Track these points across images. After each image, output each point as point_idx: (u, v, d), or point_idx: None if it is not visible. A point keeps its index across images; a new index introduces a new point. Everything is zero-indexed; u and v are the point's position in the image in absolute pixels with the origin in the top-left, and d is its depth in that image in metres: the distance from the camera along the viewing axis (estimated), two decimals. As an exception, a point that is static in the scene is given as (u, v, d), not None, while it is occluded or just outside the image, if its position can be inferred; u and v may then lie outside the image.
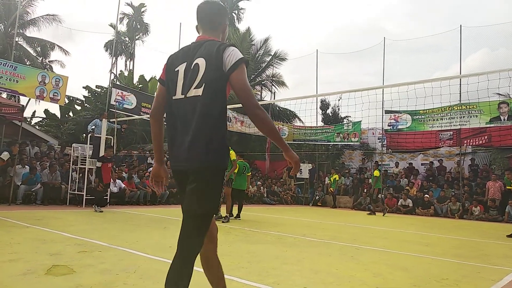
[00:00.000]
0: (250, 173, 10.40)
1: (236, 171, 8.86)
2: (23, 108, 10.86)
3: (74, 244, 4.76)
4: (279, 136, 2.04)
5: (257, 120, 1.91)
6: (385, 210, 13.83)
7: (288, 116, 23.97)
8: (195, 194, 1.92)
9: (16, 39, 19.65)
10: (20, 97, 16.14)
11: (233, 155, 8.71)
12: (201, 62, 1.93)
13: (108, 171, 9.92)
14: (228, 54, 1.92)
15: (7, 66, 11.39)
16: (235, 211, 9.07)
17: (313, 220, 10.60)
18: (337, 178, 17.52)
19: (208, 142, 1.89)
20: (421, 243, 6.70)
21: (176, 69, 2.01)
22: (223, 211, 8.92)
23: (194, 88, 1.93)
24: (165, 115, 2.11)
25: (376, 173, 13.73)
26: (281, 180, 19.78)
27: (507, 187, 10.47)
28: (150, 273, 3.48)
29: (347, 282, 3.60)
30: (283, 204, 17.53)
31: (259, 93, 26.95)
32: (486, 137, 15.28)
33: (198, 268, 2.13)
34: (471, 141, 15.98)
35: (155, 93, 2.20)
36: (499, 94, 16.02)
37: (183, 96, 1.96)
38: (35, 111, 27.34)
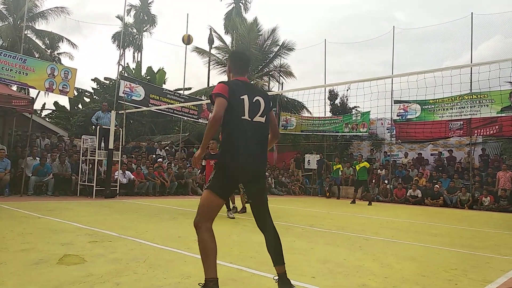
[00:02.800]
0: None
1: None
2: (33, 101, 10.99)
3: (85, 234, 4.84)
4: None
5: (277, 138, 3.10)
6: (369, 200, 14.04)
7: (296, 106, 23.88)
8: (263, 188, 2.90)
9: (25, 32, 19.76)
10: (30, 89, 16.29)
11: None
12: (261, 100, 2.76)
13: (211, 169, 8.72)
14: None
15: (17, 59, 11.48)
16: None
17: (321, 210, 10.60)
18: (341, 168, 17.33)
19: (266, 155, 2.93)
20: (430, 234, 6.67)
21: (241, 97, 2.66)
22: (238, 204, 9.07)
23: (259, 116, 2.72)
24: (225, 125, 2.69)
25: (367, 164, 13.90)
26: (289, 171, 19.78)
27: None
28: (160, 263, 3.52)
29: (355, 272, 3.60)
30: (291, 195, 17.56)
31: (267, 84, 26.86)
32: (497, 127, 15.07)
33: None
34: (482, 131, 15.77)
35: (219, 103, 2.61)
36: (511, 82, 15.73)
37: (250, 119, 2.67)
38: (44, 103, 27.70)
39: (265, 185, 2.89)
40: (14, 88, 14.54)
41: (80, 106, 25.46)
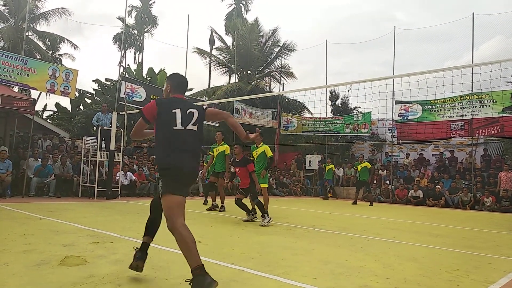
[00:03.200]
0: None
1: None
2: (34, 102, 11.01)
3: (87, 235, 4.84)
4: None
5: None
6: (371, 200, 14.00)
7: (297, 107, 23.85)
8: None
9: (27, 34, 19.81)
10: (31, 90, 16.32)
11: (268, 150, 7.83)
12: (194, 111, 3.17)
13: (242, 173, 7.46)
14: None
15: (18, 60, 11.51)
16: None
17: (322, 211, 10.60)
18: (333, 168, 17.15)
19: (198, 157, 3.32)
20: (432, 234, 6.66)
21: (173, 111, 3.07)
22: (218, 201, 9.12)
23: (192, 125, 3.12)
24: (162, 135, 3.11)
25: (368, 164, 13.90)
26: (290, 171, 19.77)
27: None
28: (161, 264, 3.52)
29: (357, 272, 3.60)
30: (292, 196, 17.55)
31: (268, 84, 26.85)
32: (498, 127, 15.04)
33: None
34: (483, 131, 15.74)
35: (139, 123, 3.27)
36: (512, 83, 15.72)
37: (183, 128, 3.06)
38: (46, 105, 27.60)
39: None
40: (16, 89, 14.57)
41: (81, 107, 25.49)
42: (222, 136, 9.37)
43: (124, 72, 25.43)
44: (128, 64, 31.46)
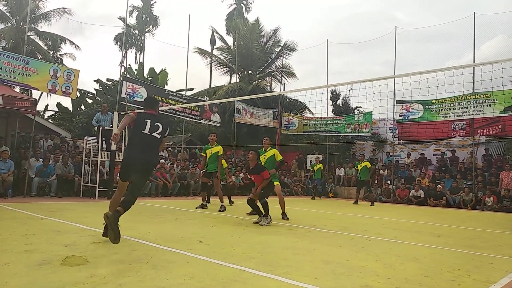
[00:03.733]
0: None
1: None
2: (36, 102, 11.01)
3: (88, 235, 4.85)
4: None
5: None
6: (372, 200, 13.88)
7: (298, 107, 23.86)
8: (146, 176, 4.73)
9: (28, 34, 19.86)
10: (33, 91, 16.34)
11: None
12: (160, 125, 4.64)
13: (258, 179, 7.09)
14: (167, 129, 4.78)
15: (20, 61, 11.53)
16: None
17: (323, 211, 10.59)
18: (321, 168, 16.77)
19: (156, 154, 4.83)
20: (433, 234, 6.65)
21: (145, 120, 4.56)
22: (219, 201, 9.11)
23: (156, 133, 4.58)
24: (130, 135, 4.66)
25: (368, 164, 13.82)
26: (291, 171, 19.77)
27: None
28: (162, 264, 3.52)
29: (358, 272, 3.60)
30: (293, 196, 17.55)
31: (269, 84, 26.86)
32: (500, 127, 15.02)
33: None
34: (485, 131, 15.72)
35: (129, 114, 4.57)
36: (513, 82, 15.69)
37: (149, 133, 4.52)
38: (47, 105, 27.70)
39: (148, 175, 4.86)
40: (17, 89, 14.60)
41: (82, 107, 25.54)
42: (216, 138, 9.42)
43: (125, 72, 25.45)
44: (130, 64, 31.52)
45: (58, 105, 25.16)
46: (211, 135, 9.52)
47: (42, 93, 21.85)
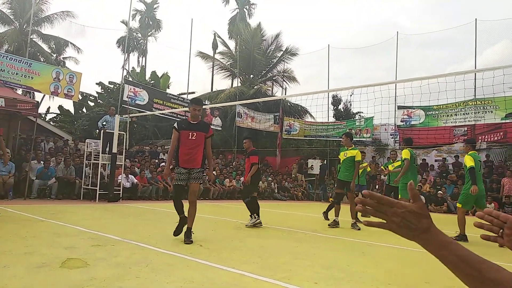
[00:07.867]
0: None
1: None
2: (38, 104, 11.04)
3: (88, 238, 4.84)
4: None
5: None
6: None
7: (299, 111, 23.89)
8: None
9: (31, 36, 19.94)
10: (35, 93, 16.41)
11: None
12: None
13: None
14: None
15: (22, 63, 11.58)
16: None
17: (324, 216, 10.54)
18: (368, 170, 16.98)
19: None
20: (434, 240, 6.61)
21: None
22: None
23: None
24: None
25: (368, 168, 13.74)
26: (292, 176, 19.75)
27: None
28: (162, 267, 3.51)
29: (358, 277, 3.58)
30: (294, 200, 17.51)
31: (270, 88, 26.91)
32: (501, 133, 15.01)
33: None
34: (486, 137, 15.71)
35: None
36: (515, 89, 15.68)
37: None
38: (49, 107, 27.78)
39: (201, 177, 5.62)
40: (20, 91, 14.66)
41: (84, 110, 25.57)
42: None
43: (127, 75, 25.52)
44: (132, 67, 31.60)
45: (60, 107, 25.19)
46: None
47: (44, 95, 21.91)
